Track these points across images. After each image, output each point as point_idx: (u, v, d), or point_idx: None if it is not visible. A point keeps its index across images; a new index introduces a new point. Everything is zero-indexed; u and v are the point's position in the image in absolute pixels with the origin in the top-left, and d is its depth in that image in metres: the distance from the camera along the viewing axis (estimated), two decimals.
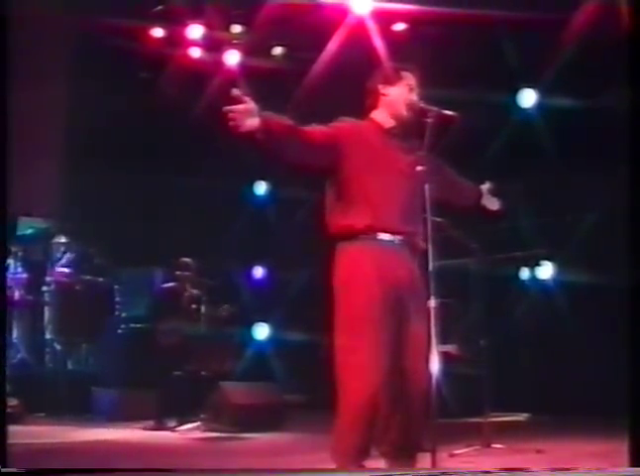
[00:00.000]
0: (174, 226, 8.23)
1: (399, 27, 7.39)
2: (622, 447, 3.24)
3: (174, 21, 7.79)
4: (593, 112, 6.50)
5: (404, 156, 3.47)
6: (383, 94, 3.56)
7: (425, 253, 3.30)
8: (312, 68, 7.44)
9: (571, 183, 6.95)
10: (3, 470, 3.00)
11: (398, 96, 3.54)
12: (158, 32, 7.94)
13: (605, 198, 6.60)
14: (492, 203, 3.89)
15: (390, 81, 3.57)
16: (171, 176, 8.02)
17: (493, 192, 3.94)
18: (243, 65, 7.99)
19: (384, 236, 3.37)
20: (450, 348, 6.39)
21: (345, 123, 3.49)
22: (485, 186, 3.90)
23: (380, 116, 3.57)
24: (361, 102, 3.66)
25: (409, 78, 3.56)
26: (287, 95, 7.63)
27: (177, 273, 6.75)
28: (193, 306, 6.67)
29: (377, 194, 3.38)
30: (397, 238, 3.38)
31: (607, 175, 6.41)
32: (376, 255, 3.35)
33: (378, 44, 6.93)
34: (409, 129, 3.53)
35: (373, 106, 3.59)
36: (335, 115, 3.56)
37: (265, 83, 7.95)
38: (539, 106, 7.29)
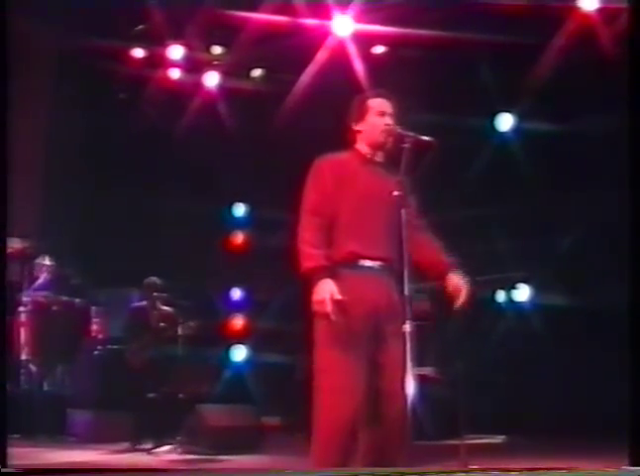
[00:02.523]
0: (153, 247, 8.24)
1: (379, 49, 7.49)
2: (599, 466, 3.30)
3: (155, 41, 7.80)
4: (571, 135, 6.63)
5: (386, 183, 3.55)
6: (358, 131, 3.68)
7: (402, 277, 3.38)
8: (292, 90, 7.51)
9: (548, 207, 7.05)
10: (3, 470, 3.02)
11: (371, 127, 3.64)
12: (137, 52, 7.97)
13: (582, 221, 6.72)
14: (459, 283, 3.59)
15: (360, 116, 3.67)
16: (150, 196, 8.04)
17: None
18: (222, 87, 8.06)
19: (365, 263, 3.45)
20: (426, 371, 6.45)
21: (325, 162, 3.59)
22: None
23: (362, 146, 3.68)
24: (340, 122, 3.76)
25: (380, 104, 3.65)
26: (267, 117, 7.73)
27: (147, 292, 6.78)
28: (162, 325, 6.67)
29: (358, 223, 3.47)
30: (377, 264, 3.47)
31: (585, 197, 6.55)
32: (356, 281, 3.42)
33: (359, 66, 7.06)
34: (391, 154, 3.62)
35: (354, 140, 3.71)
36: (315, 136, 3.66)
37: (244, 105, 8.06)
38: (516, 130, 7.42)
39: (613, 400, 4.42)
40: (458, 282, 3.58)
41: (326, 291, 3.32)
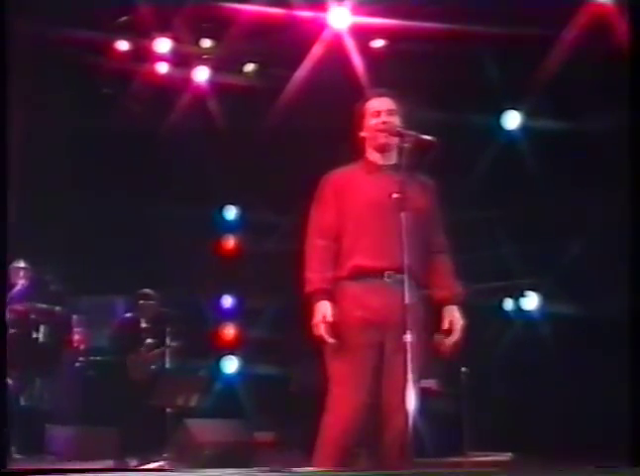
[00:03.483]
0: (139, 251, 8.25)
1: (378, 43, 7.50)
2: None
3: (140, 33, 7.77)
4: (583, 134, 6.64)
5: (392, 188, 3.59)
6: (364, 138, 3.76)
7: (416, 286, 3.46)
8: (286, 86, 7.52)
9: (557, 209, 7.06)
10: (3, 470, 3.07)
11: (370, 130, 3.72)
12: (122, 45, 7.89)
13: (593, 225, 6.74)
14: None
15: (360, 122, 3.77)
16: (136, 198, 8.04)
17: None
18: (213, 82, 8.05)
19: (370, 274, 3.61)
20: (429, 383, 6.47)
21: (328, 179, 3.75)
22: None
23: (370, 153, 3.77)
24: (336, 121, 3.82)
25: (375, 104, 3.72)
26: (260, 114, 7.74)
27: (139, 302, 6.80)
28: (153, 339, 6.70)
29: (362, 235, 3.61)
30: (385, 275, 3.59)
31: (596, 200, 6.57)
32: (361, 294, 3.59)
33: (357, 61, 7.08)
34: (404, 154, 3.66)
35: (363, 150, 3.78)
36: (311, 134, 3.72)
37: (236, 101, 8.07)
38: (524, 128, 7.43)
39: (629, 417, 4.44)
40: (455, 316, 3.66)
41: (320, 313, 3.53)
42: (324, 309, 3.53)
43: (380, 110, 3.70)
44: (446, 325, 3.64)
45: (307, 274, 3.63)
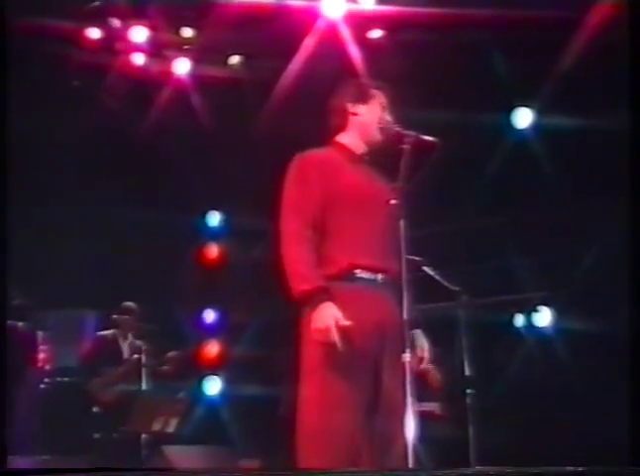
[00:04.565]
0: (112, 261, 8.25)
1: (376, 33, 7.53)
2: None
3: (114, 21, 7.77)
4: (600, 133, 6.64)
5: (377, 185, 3.61)
6: (353, 113, 3.71)
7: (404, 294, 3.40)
8: (276, 81, 7.54)
9: (572, 215, 7.07)
10: (3, 470, 3.09)
11: (371, 116, 3.69)
12: (93, 33, 7.81)
13: (613, 233, 6.75)
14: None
15: (361, 99, 3.71)
16: (110, 202, 8.06)
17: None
18: (195, 76, 8.05)
19: (363, 274, 3.51)
20: (430, 406, 6.49)
21: (309, 158, 3.64)
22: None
23: (349, 139, 3.71)
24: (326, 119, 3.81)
25: (381, 97, 3.71)
26: (247, 111, 7.74)
27: (113, 317, 6.81)
28: (128, 358, 6.71)
29: (353, 230, 3.53)
30: (380, 277, 3.52)
31: (618, 204, 6.57)
32: (356, 297, 3.47)
33: (352, 53, 7.11)
34: (382, 155, 3.68)
35: (341, 128, 3.73)
36: (301, 133, 3.71)
37: (220, 97, 8.07)
38: (536, 126, 7.45)
39: None
40: (425, 342, 3.60)
41: (330, 316, 3.34)
42: (333, 312, 3.32)
43: (386, 106, 3.71)
44: (419, 353, 3.60)
45: (298, 267, 3.41)
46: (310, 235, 3.48)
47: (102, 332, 7.04)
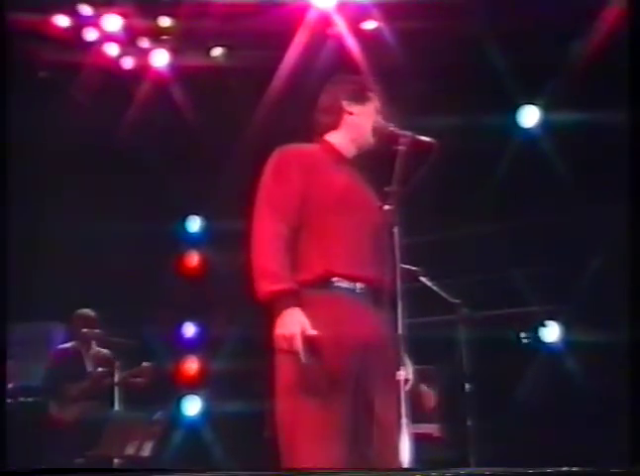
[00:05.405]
0: (82, 269, 8.23)
1: (371, 25, 7.51)
2: None
3: (84, 8, 7.69)
4: (612, 131, 6.63)
5: (364, 190, 3.62)
6: (349, 113, 3.72)
7: (393, 307, 3.38)
8: (263, 75, 7.55)
9: (583, 221, 7.06)
10: (3, 470, 3.11)
11: (366, 118, 3.71)
12: (61, 21, 7.74)
13: (632, 237, 6.74)
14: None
15: (358, 98, 3.73)
16: (80, 205, 8.05)
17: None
18: (174, 68, 8.04)
19: (342, 284, 3.49)
20: (428, 428, 6.50)
21: (290, 152, 3.64)
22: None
23: (339, 140, 3.72)
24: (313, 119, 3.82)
25: (376, 100, 3.74)
26: (231, 108, 7.74)
27: (77, 328, 6.80)
28: (99, 376, 6.68)
29: (334, 235, 3.51)
30: (358, 286, 3.50)
31: (633, 207, 6.58)
32: (332, 308, 3.44)
33: (345, 46, 7.13)
34: (373, 159, 3.70)
35: (333, 126, 3.74)
36: (290, 132, 3.73)
37: (202, 92, 8.06)
38: (544, 125, 7.48)
39: None
40: (408, 361, 3.50)
41: (295, 323, 3.31)
42: (300, 319, 3.28)
43: (380, 109, 3.74)
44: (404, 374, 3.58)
45: (268, 265, 3.35)
46: (286, 234, 3.44)
47: (63, 345, 7.02)
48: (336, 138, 3.73)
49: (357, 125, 3.71)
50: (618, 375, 6.60)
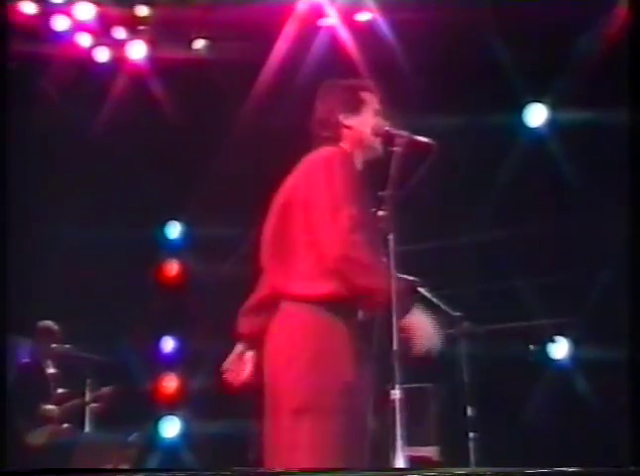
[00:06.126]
0: (52, 279, 8.19)
1: (365, 16, 7.51)
2: None
3: None
4: (624, 131, 6.65)
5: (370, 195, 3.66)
6: (347, 127, 3.77)
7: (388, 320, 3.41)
8: (250, 70, 7.55)
9: (594, 228, 7.06)
10: (3, 470, 3.16)
11: (364, 126, 3.75)
12: (27, 7, 7.70)
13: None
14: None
15: (354, 108, 3.77)
16: (50, 210, 8.02)
17: None
18: (152, 61, 8.03)
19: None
20: (426, 451, 6.50)
21: (350, 156, 3.79)
22: None
23: (347, 147, 3.79)
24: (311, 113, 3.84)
25: (373, 101, 3.76)
26: (215, 104, 7.72)
27: (40, 343, 6.78)
28: (66, 394, 6.66)
29: None
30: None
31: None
32: (318, 318, 3.57)
33: (339, 39, 7.14)
34: (378, 160, 3.73)
35: (333, 140, 3.80)
36: (278, 130, 3.75)
37: (182, 86, 8.05)
38: (551, 124, 7.50)
39: None
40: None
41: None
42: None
43: (378, 110, 3.78)
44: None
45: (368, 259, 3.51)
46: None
47: (25, 360, 6.99)
48: (345, 145, 3.80)
49: (357, 137, 3.78)
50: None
